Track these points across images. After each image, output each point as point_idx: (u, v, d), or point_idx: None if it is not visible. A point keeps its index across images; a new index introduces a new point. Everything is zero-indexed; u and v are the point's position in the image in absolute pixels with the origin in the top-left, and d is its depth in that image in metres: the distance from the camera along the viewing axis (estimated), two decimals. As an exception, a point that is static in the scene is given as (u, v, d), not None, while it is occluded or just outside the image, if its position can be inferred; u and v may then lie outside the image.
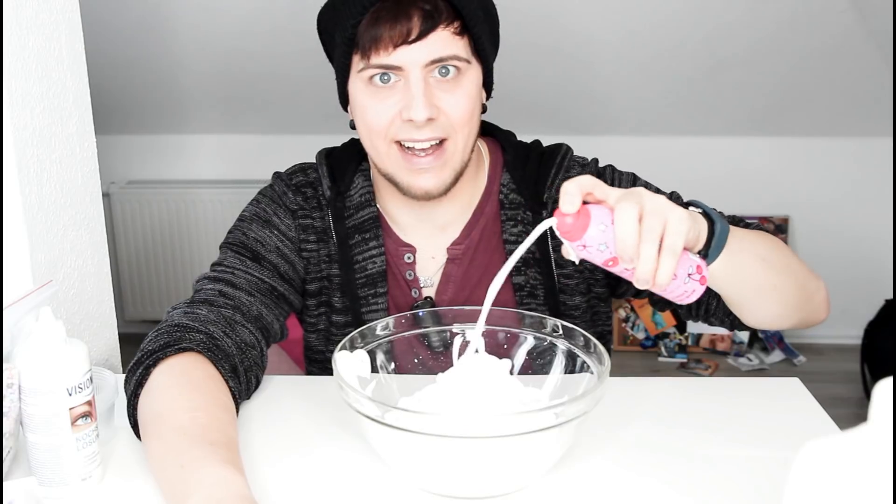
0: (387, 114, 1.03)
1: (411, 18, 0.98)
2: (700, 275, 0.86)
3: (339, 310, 1.17)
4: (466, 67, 1.03)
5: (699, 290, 0.86)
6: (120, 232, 3.16)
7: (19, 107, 1.07)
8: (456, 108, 1.03)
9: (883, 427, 0.46)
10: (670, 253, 0.79)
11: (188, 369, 0.93)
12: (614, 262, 0.82)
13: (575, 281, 1.15)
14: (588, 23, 2.50)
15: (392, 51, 0.99)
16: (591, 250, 0.82)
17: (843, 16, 2.43)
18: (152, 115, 3.04)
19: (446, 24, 1.00)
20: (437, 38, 0.99)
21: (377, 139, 1.05)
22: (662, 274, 0.80)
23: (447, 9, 1.00)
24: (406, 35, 0.98)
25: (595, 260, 0.83)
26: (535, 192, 1.14)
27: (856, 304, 3.04)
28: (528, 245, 0.86)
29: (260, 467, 0.89)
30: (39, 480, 0.85)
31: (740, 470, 0.89)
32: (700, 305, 1.08)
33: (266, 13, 2.49)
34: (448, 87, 1.02)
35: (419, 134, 1.02)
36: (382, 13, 0.99)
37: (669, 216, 0.80)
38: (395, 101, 1.02)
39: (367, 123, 1.05)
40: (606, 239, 0.81)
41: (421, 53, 0.99)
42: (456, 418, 0.78)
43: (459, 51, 1.01)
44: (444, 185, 1.06)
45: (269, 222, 1.14)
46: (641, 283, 0.81)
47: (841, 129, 2.96)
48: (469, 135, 1.06)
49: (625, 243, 0.79)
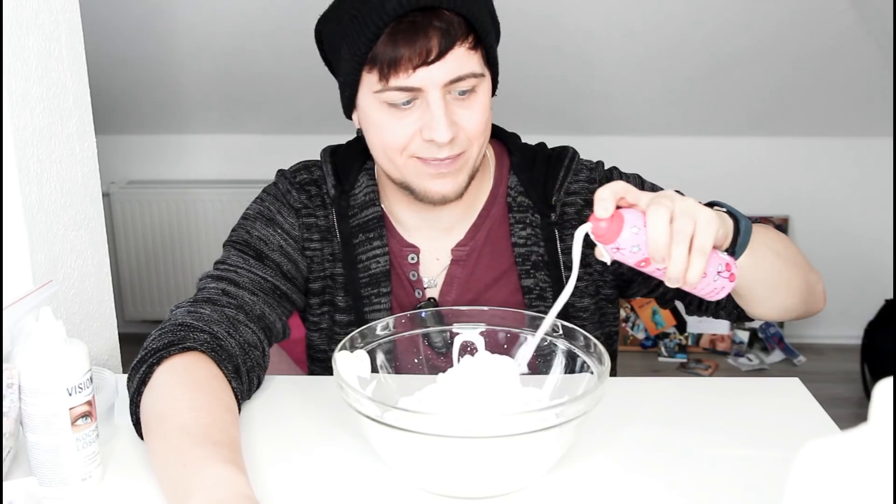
0: (406, 132, 1.02)
1: (430, 38, 0.97)
2: (729, 272, 0.89)
3: (342, 309, 1.16)
4: (481, 80, 1.02)
5: (728, 286, 0.89)
6: (120, 232, 3.16)
7: (19, 107, 1.07)
8: (473, 122, 1.03)
9: (883, 427, 0.46)
10: (700, 253, 0.82)
11: (191, 369, 0.93)
12: (646, 262, 0.85)
13: (584, 283, 1.15)
14: (588, 23, 2.50)
15: (412, 72, 0.97)
16: (624, 252, 0.85)
17: (843, 16, 2.43)
18: (152, 115, 3.04)
19: (462, 40, 0.98)
20: (455, 57, 0.98)
21: (394, 154, 1.04)
22: (693, 273, 0.83)
23: (461, 24, 0.98)
24: (426, 56, 0.97)
25: (628, 261, 0.86)
26: (543, 195, 1.14)
27: (856, 304, 3.05)
28: (578, 258, 0.88)
29: (261, 467, 0.89)
30: (39, 480, 0.85)
31: (740, 470, 0.89)
32: (709, 301, 1.09)
33: (266, 13, 2.49)
34: (466, 102, 1.02)
35: (440, 153, 1.02)
36: (399, 34, 0.97)
37: (699, 217, 0.83)
38: (413, 119, 1.01)
39: (385, 141, 1.04)
40: (639, 241, 0.84)
41: (440, 73, 0.98)
42: (456, 418, 0.78)
43: (475, 66, 1.00)
44: (461, 188, 1.07)
45: (272, 221, 1.14)
46: (673, 282, 0.84)
47: (841, 129, 2.97)
48: (484, 142, 1.07)
49: (657, 244, 0.82)
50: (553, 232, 1.13)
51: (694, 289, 0.87)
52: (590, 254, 1.13)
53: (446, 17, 0.97)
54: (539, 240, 1.13)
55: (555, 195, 1.14)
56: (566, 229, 1.13)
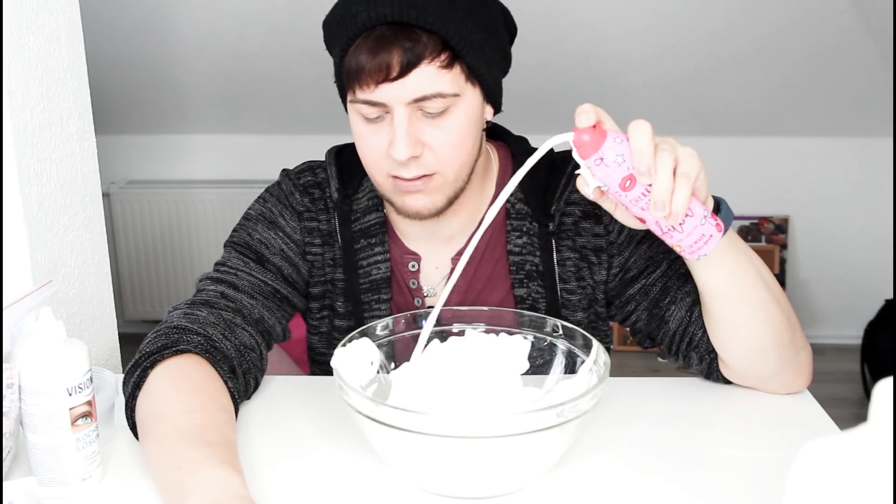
0: (377, 147, 1.00)
1: (392, 54, 0.93)
2: (716, 221, 0.86)
3: (341, 314, 1.16)
4: (455, 101, 0.97)
5: (716, 237, 0.86)
6: (120, 232, 3.16)
7: (19, 107, 1.07)
8: (442, 143, 0.99)
9: (883, 427, 0.46)
10: (685, 179, 0.80)
11: (186, 370, 0.93)
12: (632, 182, 0.82)
13: (577, 297, 1.12)
14: (588, 22, 2.50)
15: (374, 87, 0.95)
16: (608, 164, 0.82)
17: (843, 16, 2.43)
18: (152, 115, 3.04)
19: (431, 58, 0.94)
20: (421, 75, 0.94)
21: (373, 169, 1.03)
22: (679, 196, 0.80)
23: (433, 42, 0.94)
24: (386, 72, 0.94)
25: (612, 179, 0.82)
26: (542, 203, 1.11)
27: (856, 304, 3.05)
28: (539, 156, 0.86)
29: (259, 468, 0.89)
30: (39, 480, 0.85)
31: (740, 470, 0.89)
32: (683, 337, 1.05)
33: (266, 13, 2.49)
34: (436, 122, 0.98)
35: (405, 172, 0.99)
36: (365, 47, 0.95)
37: (679, 148, 0.81)
38: (383, 134, 0.99)
39: (363, 153, 1.03)
40: (623, 151, 0.81)
41: (403, 91, 0.95)
42: (456, 418, 0.78)
43: (445, 86, 0.96)
44: (435, 207, 1.04)
45: (274, 223, 1.13)
46: (659, 206, 0.81)
47: (841, 129, 2.96)
48: (462, 165, 1.03)
49: (641, 154, 0.80)
50: (550, 242, 1.11)
51: (682, 232, 0.85)
52: (584, 267, 1.12)
53: (416, 34, 0.94)
54: (535, 249, 1.11)
55: (554, 204, 1.11)
56: (563, 240, 1.11)
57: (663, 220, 0.84)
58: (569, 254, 1.11)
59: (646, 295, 1.08)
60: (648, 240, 1.09)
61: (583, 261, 1.11)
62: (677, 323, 1.05)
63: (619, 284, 1.11)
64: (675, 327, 1.05)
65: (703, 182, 0.84)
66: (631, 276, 1.09)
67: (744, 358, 1.00)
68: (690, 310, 1.04)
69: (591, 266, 1.11)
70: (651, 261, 1.08)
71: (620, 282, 1.10)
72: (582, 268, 1.11)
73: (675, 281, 1.06)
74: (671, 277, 1.06)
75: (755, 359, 1.00)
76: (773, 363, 1.00)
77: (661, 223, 0.85)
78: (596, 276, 1.12)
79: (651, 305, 1.07)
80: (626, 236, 1.10)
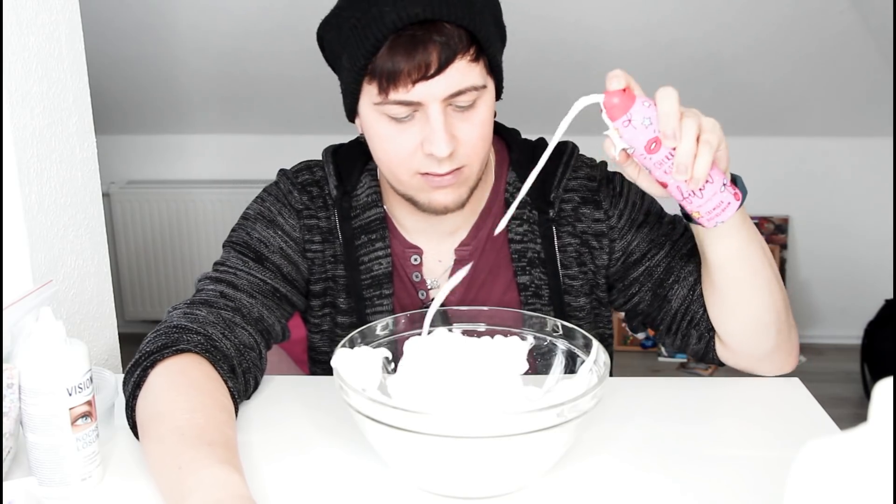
0: (407, 146, 1.00)
1: (429, 52, 0.94)
2: (734, 189, 0.90)
3: (343, 311, 1.16)
4: (482, 92, 0.99)
5: (733, 205, 0.90)
6: (120, 232, 3.16)
7: (19, 107, 1.07)
8: (473, 135, 1.00)
9: (883, 427, 0.46)
10: (707, 146, 0.85)
11: (186, 370, 0.93)
12: (657, 144, 0.85)
13: (579, 282, 1.14)
14: (587, 22, 2.50)
15: (411, 87, 0.95)
16: (636, 126, 0.85)
17: (843, 16, 2.43)
18: (152, 115, 3.04)
19: (463, 53, 0.96)
20: (455, 70, 0.95)
21: (397, 169, 1.03)
22: (701, 161, 0.85)
23: (462, 36, 0.96)
24: (425, 70, 0.94)
25: (638, 141, 0.86)
26: (541, 191, 1.13)
27: (856, 304, 3.05)
28: (569, 121, 0.89)
29: (259, 467, 0.89)
30: (39, 480, 0.85)
31: (740, 470, 0.89)
32: (685, 315, 1.08)
33: (266, 13, 2.49)
34: (466, 115, 1.00)
35: (440, 167, 1.00)
36: (399, 48, 0.95)
37: (703, 118, 0.86)
38: (414, 132, 0.99)
39: (389, 154, 1.02)
40: (650, 114, 0.85)
41: (440, 87, 0.95)
42: (456, 418, 0.78)
43: (476, 79, 0.98)
44: (462, 200, 1.05)
45: (273, 222, 1.13)
46: (681, 168, 0.85)
47: (841, 129, 2.97)
48: (485, 155, 1.05)
49: (668, 117, 0.84)
50: (550, 229, 1.12)
51: (701, 198, 0.88)
52: (585, 252, 1.13)
53: (447, 30, 0.95)
54: (536, 236, 1.13)
55: (553, 191, 1.13)
56: (563, 226, 1.13)
57: (684, 185, 0.88)
58: (569, 240, 1.13)
59: (650, 276, 1.11)
60: (649, 223, 1.12)
61: (584, 246, 1.13)
62: (680, 301, 1.09)
63: (621, 268, 1.13)
64: (678, 305, 1.09)
65: (724, 152, 0.89)
66: (634, 259, 1.12)
67: (744, 335, 1.04)
68: (693, 288, 1.08)
69: (592, 251, 1.13)
70: (653, 243, 1.11)
71: (623, 265, 1.13)
72: (583, 253, 1.13)
73: (678, 261, 1.10)
74: (674, 258, 1.10)
75: (754, 336, 1.04)
76: (772, 340, 1.04)
77: (682, 188, 0.89)
78: (597, 261, 1.14)
79: (655, 286, 1.11)
80: (626, 220, 1.12)
